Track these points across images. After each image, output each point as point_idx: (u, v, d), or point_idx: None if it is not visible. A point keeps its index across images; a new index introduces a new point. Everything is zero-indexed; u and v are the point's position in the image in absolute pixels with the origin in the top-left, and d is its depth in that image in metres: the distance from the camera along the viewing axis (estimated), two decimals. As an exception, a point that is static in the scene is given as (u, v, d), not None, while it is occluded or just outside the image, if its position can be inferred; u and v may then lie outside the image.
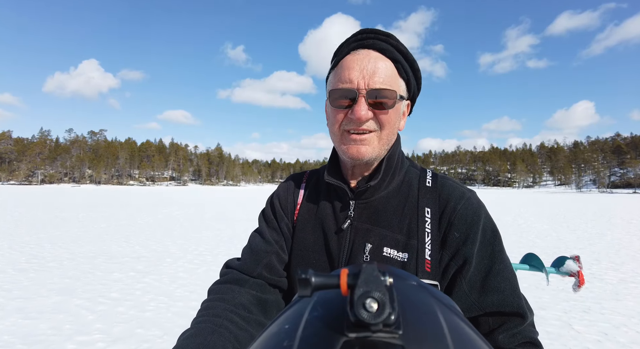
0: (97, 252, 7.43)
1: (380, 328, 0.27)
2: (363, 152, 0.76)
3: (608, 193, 79.31)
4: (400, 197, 0.81)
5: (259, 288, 0.80)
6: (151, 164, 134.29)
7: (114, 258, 6.94)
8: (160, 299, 4.54)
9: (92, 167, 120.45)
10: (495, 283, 0.71)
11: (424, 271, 0.73)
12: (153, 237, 9.61)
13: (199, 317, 0.69)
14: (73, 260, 6.69)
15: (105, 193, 48.55)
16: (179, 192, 58.19)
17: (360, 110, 0.73)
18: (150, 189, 77.52)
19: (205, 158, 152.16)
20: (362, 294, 0.27)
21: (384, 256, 0.76)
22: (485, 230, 0.76)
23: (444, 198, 0.79)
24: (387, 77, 0.75)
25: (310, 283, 0.32)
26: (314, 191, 0.90)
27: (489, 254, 0.74)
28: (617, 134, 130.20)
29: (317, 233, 0.84)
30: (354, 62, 0.75)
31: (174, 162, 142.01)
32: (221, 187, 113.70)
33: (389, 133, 0.78)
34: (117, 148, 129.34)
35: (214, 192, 60.27)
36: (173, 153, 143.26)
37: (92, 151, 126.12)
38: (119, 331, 3.58)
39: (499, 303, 0.69)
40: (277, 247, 0.86)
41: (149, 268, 6.21)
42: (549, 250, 8.17)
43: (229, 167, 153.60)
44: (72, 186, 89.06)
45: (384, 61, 0.76)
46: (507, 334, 0.67)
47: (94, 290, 4.90)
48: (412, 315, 0.31)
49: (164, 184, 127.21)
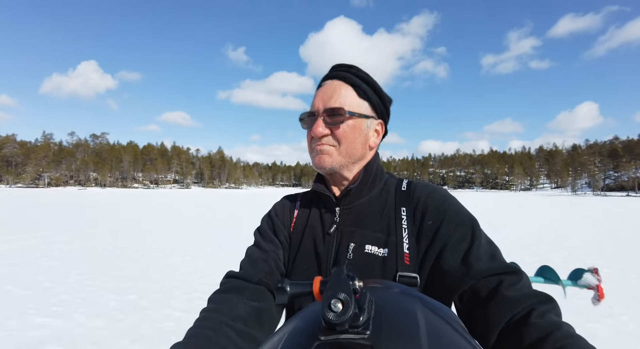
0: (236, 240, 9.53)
1: (346, 328, 0.29)
2: (324, 160, 0.87)
3: (602, 196, 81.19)
4: (380, 202, 0.90)
5: (258, 296, 0.82)
6: (154, 167, 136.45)
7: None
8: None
9: (97, 170, 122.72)
10: (478, 253, 0.75)
11: (403, 264, 0.78)
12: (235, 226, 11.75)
13: (194, 328, 0.71)
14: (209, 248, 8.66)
15: (121, 195, 49.93)
16: (191, 195, 59.68)
17: (317, 127, 0.86)
18: (158, 191, 79.45)
19: (207, 161, 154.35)
20: (327, 296, 0.29)
21: (366, 252, 0.82)
22: (457, 213, 0.83)
23: (416, 196, 0.87)
24: (343, 98, 0.86)
25: (285, 291, 0.35)
26: (307, 204, 0.99)
27: (465, 233, 0.78)
28: (615, 137, 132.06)
29: (309, 240, 0.91)
30: (319, 92, 0.90)
31: (177, 165, 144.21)
32: (224, 190, 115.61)
33: (347, 147, 0.88)
34: (121, 152, 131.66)
35: (226, 195, 61.85)
36: (175, 157, 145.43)
37: (95, 154, 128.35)
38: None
39: (487, 268, 0.72)
40: (275, 256, 0.91)
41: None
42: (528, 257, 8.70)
43: (231, 169, 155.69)
44: (78, 189, 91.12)
45: (343, 86, 0.88)
46: (513, 288, 0.69)
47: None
48: (387, 318, 0.32)
49: (168, 187, 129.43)
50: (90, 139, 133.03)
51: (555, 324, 0.61)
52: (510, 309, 0.65)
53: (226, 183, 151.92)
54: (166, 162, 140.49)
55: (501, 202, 38.10)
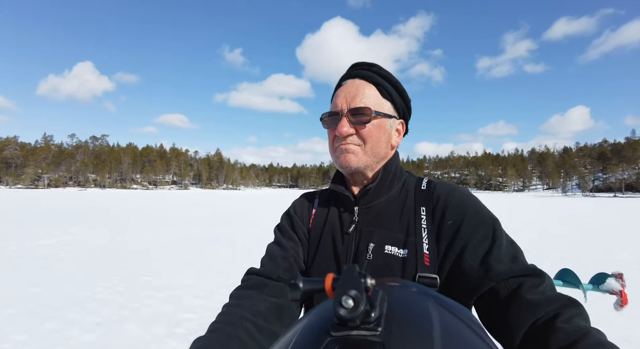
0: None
1: (357, 325, 0.29)
2: (349, 159, 0.87)
3: (591, 197, 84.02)
4: (399, 201, 0.89)
5: (278, 293, 0.83)
6: (153, 169, 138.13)
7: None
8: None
9: (97, 172, 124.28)
10: (498, 255, 0.73)
11: (423, 265, 0.78)
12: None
13: (216, 323, 0.73)
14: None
15: (126, 196, 51.62)
16: (195, 195, 61.38)
17: (342, 127, 0.85)
18: (159, 192, 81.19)
19: (205, 163, 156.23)
20: (339, 293, 0.29)
21: (386, 253, 0.82)
22: (478, 212, 0.81)
23: (435, 195, 0.86)
24: (367, 98, 0.87)
25: (299, 288, 0.36)
26: (325, 203, 1.00)
27: (486, 233, 0.77)
28: (604, 140, 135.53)
29: (327, 238, 0.92)
30: (341, 91, 0.89)
31: (175, 166, 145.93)
32: (222, 191, 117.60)
33: (372, 146, 0.88)
34: (120, 153, 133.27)
35: (228, 196, 63.72)
36: (174, 158, 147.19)
37: (94, 156, 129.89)
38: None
39: (507, 270, 0.70)
40: (294, 253, 0.92)
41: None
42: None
43: (228, 171, 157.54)
44: (78, 190, 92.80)
45: (366, 85, 0.88)
46: (535, 291, 0.66)
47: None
48: (400, 315, 0.32)
49: (167, 188, 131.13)
50: (90, 141, 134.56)
51: (583, 330, 0.58)
52: (533, 313, 0.63)
53: (224, 184, 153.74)
54: (165, 164, 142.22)
55: (494, 202, 40.27)
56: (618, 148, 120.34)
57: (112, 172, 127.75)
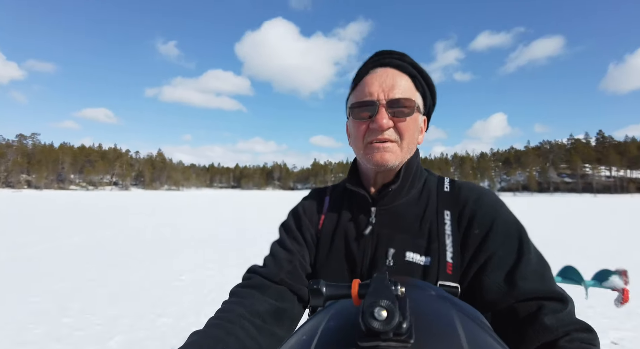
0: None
1: (390, 337, 0.28)
2: (387, 158, 0.80)
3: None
4: (420, 204, 0.84)
5: (279, 296, 0.81)
6: (94, 169, 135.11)
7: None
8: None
9: (34, 172, 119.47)
10: (524, 272, 0.70)
11: (445, 274, 0.74)
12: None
13: (214, 318, 0.72)
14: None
15: (80, 199, 45.54)
16: (138, 198, 56.17)
17: (382, 118, 0.78)
18: (103, 194, 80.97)
19: (149, 163, 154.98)
20: (371, 303, 0.27)
21: (407, 261, 0.77)
22: (505, 224, 0.77)
23: (461, 200, 0.82)
24: (405, 89, 0.81)
25: (321, 293, 0.34)
26: (337, 202, 0.94)
27: (513, 246, 0.73)
28: (511, 147, 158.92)
29: (340, 240, 0.87)
30: (374, 79, 0.82)
31: (118, 167, 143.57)
32: (165, 192, 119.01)
33: (409, 142, 0.83)
34: (59, 153, 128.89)
35: (174, 198, 59.18)
36: (117, 159, 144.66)
37: (25, 155, 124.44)
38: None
39: (531, 290, 0.68)
40: (299, 256, 0.88)
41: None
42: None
43: (170, 172, 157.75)
44: (13, 192, 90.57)
45: (401, 76, 0.83)
46: (553, 317, 0.64)
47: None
48: (427, 325, 0.31)
49: (108, 189, 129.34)
50: (16, 139, 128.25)
51: None
52: (547, 337, 0.62)
53: (165, 185, 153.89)
54: (106, 164, 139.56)
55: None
56: (518, 155, 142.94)
57: (50, 172, 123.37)
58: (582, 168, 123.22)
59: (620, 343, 3.49)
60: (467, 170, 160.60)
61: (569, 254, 8.03)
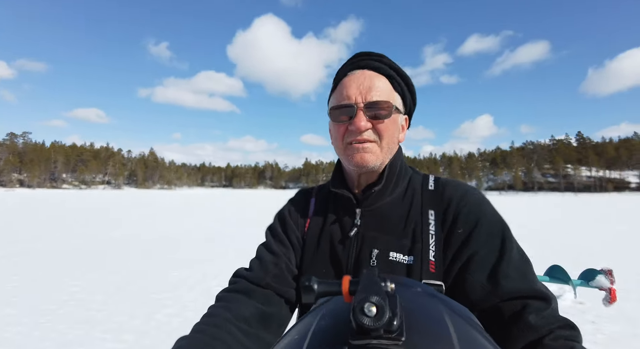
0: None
1: (381, 334, 0.27)
2: (367, 158, 0.81)
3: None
4: (405, 203, 0.85)
5: (265, 300, 0.81)
6: (88, 168, 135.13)
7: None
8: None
9: (26, 171, 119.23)
10: (507, 270, 0.70)
11: (428, 272, 0.75)
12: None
13: (200, 324, 0.71)
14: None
15: (87, 198, 45.39)
16: (133, 197, 56.67)
17: (359, 121, 0.79)
18: (97, 193, 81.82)
19: (141, 162, 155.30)
20: (361, 299, 0.27)
21: (390, 260, 0.78)
22: (489, 222, 0.77)
23: (446, 198, 0.82)
24: (382, 91, 0.82)
25: (313, 290, 0.34)
26: (323, 203, 0.94)
27: (495, 244, 0.74)
28: (497, 148, 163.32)
29: (325, 243, 0.87)
30: (352, 81, 0.83)
31: (111, 166, 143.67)
32: (157, 191, 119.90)
33: (388, 142, 0.84)
34: (52, 152, 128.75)
35: (169, 197, 60.06)
36: (110, 158, 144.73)
37: (17, 154, 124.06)
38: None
39: (515, 289, 0.68)
40: (285, 259, 0.88)
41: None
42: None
43: (162, 171, 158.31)
44: (5, 191, 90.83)
45: (379, 78, 0.84)
46: (537, 315, 0.65)
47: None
48: (418, 322, 0.31)
49: (100, 188, 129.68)
50: (7, 137, 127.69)
51: (568, 346, 0.59)
52: (532, 335, 0.63)
53: (158, 184, 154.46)
54: (100, 163, 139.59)
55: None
56: (504, 155, 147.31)
57: (43, 171, 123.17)
58: (564, 169, 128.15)
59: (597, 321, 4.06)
60: (455, 170, 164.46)
61: (550, 250, 8.58)
